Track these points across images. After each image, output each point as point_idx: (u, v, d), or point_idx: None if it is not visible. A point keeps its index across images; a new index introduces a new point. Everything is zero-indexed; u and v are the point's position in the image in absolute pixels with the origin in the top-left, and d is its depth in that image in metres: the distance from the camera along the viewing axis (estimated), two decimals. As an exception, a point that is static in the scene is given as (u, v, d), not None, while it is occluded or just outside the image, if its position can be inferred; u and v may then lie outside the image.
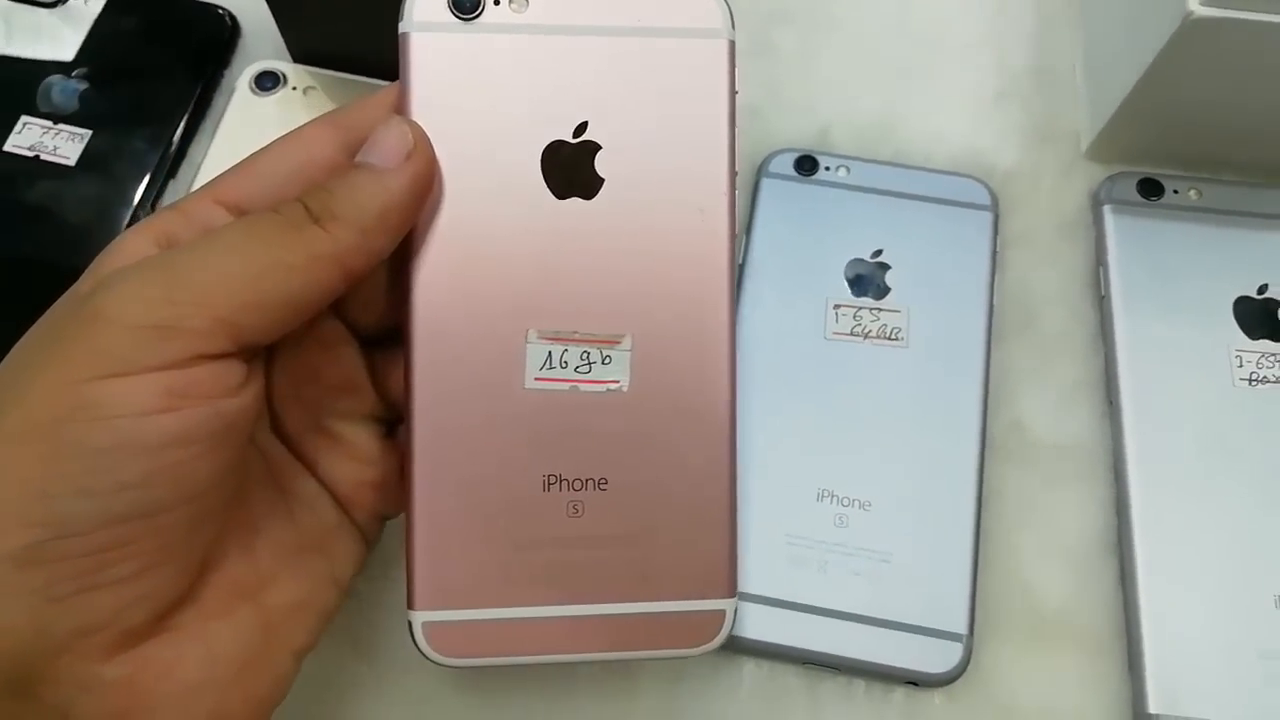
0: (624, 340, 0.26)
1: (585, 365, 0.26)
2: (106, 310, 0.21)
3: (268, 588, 0.24)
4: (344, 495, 0.26)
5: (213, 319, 0.21)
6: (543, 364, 0.26)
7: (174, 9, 0.42)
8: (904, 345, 0.36)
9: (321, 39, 0.40)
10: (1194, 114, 0.37)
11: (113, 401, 0.20)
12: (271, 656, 0.24)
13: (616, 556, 0.26)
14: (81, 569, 0.20)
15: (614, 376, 0.26)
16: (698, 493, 0.26)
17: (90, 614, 0.20)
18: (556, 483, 0.26)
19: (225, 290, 0.21)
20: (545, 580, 0.26)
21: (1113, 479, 0.35)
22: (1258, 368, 0.35)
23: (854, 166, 0.39)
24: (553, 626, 0.26)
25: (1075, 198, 0.39)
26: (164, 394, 0.20)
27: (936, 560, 0.33)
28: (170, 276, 0.21)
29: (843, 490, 0.34)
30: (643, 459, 0.26)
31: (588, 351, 0.26)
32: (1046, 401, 0.36)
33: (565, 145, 0.26)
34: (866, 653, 0.32)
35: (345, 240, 0.23)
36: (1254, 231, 0.38)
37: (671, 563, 0.26)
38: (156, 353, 0.21)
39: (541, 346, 0.25)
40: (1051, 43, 0.42)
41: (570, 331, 0.26)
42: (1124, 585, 0.33)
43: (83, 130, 0.39)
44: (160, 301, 0.21)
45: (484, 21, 0.25)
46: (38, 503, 0.20)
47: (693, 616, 0.26)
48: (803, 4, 0.43)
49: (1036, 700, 0.32)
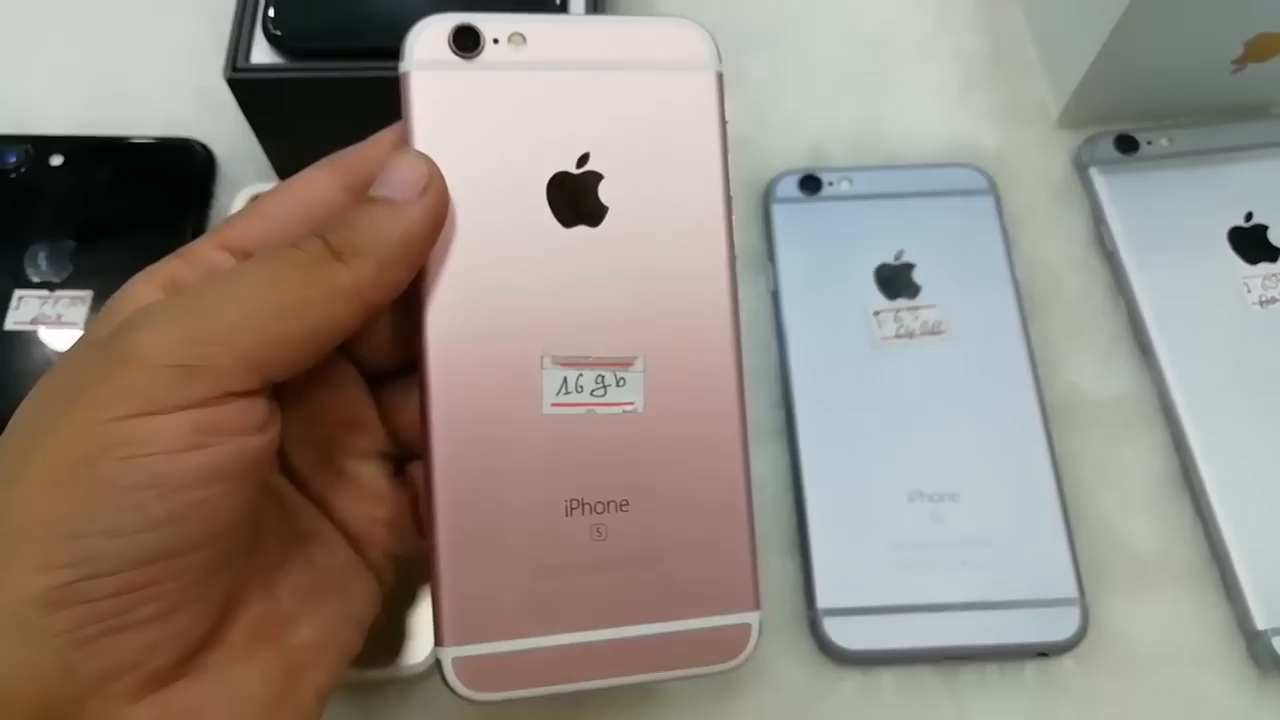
0: (636, 362, 0.26)
1: (600, 389, 0.26)
2: (136, 350, 0.21)
3: (289, 629, 0.24)
4: (356, 534, 0.26)
5: (238, 356, 0.21)
6: (559, 389, 0.26)
7: (144, 150, 0.41)
8: (948, 337, 0.37)
9: (307, 151, 0.39)
10: (1153, 70, 0.40)
11: (143, 439, 0.20)
12: (296, 698, 0.24)
13: (642, 577, 0.26)
14: (108, 610, 0.20)
15: (628, 398, 0.26)
16: (716, 508, 0.26)
17: (117, 656, 0.20)
18: (579, 507, 0.26)
19: (250, 328, 0.21)
20: (574, 606, 0.25)
21: (1165, 419, 0.37)
22: (1264, 290, 0.38)
23: (856, 177, 0.40)
24: (584, 652, 0.25)
25: (1060, 165, 0.42)
26: (193, 432, 0.21)
27: (1033, 534, 0.34)
28: (196, 316, 0.21)
29: (930, 487, 0.35)
30: (661, 478, 0.26)
31: (602, 375, 0.26)
32: (1089, 362, 0.38)
33: (569, 176, 0.26)
34: (993, 636, 0.33)
35: (365, 274, 0.23)
36: (1228, 165, 0.40)
37: (696, 580, 0.26)
38: (185, 391, 0.21)
39: (557, 372, 0.26)
40: (997, 24, 0.45)
41: (584, 356, 0.26)
42: (1202, 516, 0.35)
43: (83, 292, 0.38)
44: (188, 341, 0.21)
45: (484, 60, 0.26)
46: (66, 543, 0.20)
47: (721, 632, 0.26)
48: (759, 28, 0.44)
49: (1156, 643, 0.33)
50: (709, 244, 0.27)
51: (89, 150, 0.40)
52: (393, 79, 0.33)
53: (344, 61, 0.35)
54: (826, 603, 0.33)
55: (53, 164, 0.40)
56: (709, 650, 0.26)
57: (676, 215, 0.27)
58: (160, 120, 0.42)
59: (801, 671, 0.33)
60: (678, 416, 0.26)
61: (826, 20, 0.45)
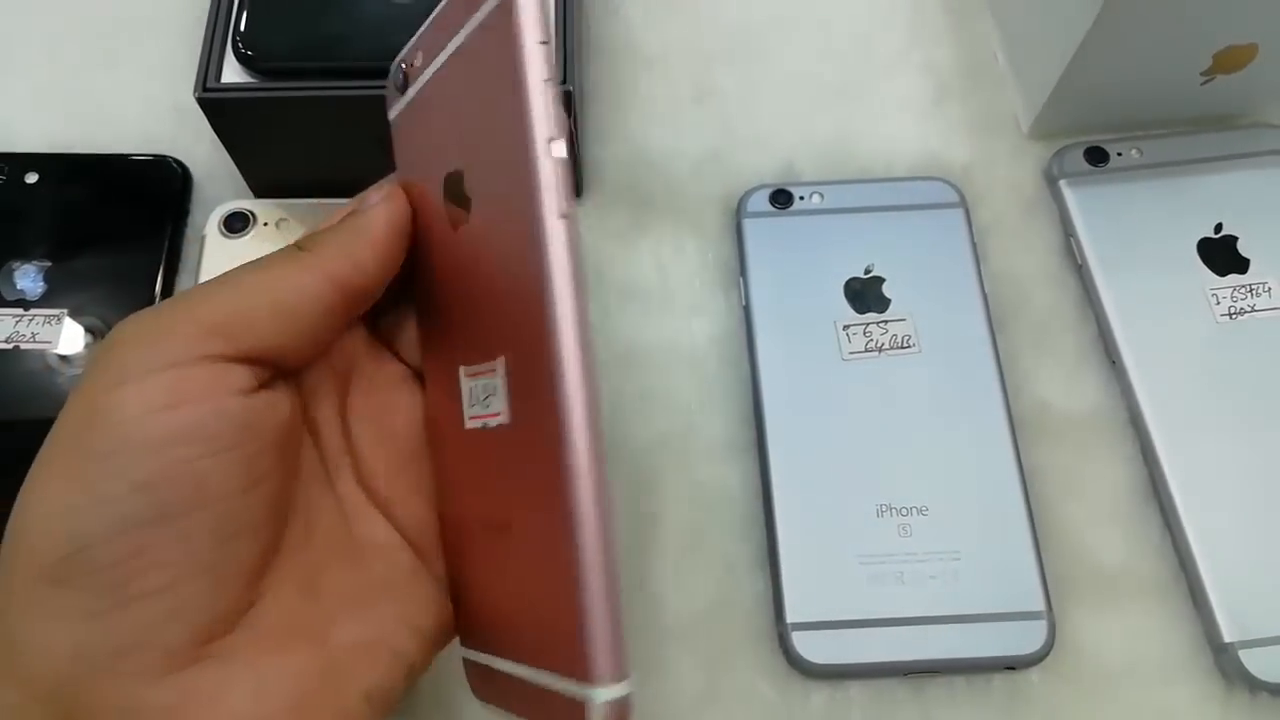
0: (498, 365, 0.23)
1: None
2: (113, 338, 0.23)
3: (331, 628, 0.24)
4: (419, 542, 0.27)
5: (200, 323, 0.23)
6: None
7: (119, 168, 0.41)
8: (917, 351, 0.37)
9: (280, 170, 0.40)
10: (1122, 81, 0.40)
11: (119, 405, 0.21)
12: (336, 698, 0.23)
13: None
14: (111, 581, 0.21)
15: (495, 409, 0.23)
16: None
17: (126, 631, 0.21)
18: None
19: (210, 303, 0.23)
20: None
21: (1134, 432, 0.37)
22: (1233, 301, 0.38)
23: (826, 191, 0.40)
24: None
25: (1030, 177, 0.42)
26: (165, 393, 0.22)
27: (1001, 547, 0.34)
28: (165, 304, 0.24)
29: (899, 501, 0.35)
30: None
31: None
32: (1057, 375, 0.38)
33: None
34: (960, 650, 0.33)
35: (330, 257, 0.24)
36: (1197, 176, 0.41)
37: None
38: (155, 356, 0.22)
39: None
40: (969, 36, 0.45)
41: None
42: (1170, 528, 0.35)
43: (57, 310, 0.38)
44: (157, 317, 0.23)
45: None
46: (64, 517, 0.21)
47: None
48: (732, 42, 0.45)
49: (1123, 656, 0.34)
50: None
51: (65, 168, 0.40)
52: (363, 97, 0.34)
53: (314, 80, 0.36)
54: (795, 617, 0.33)
55: (28, 181, 0.40)
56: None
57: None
58: (137, 138, 0.42)
59: (770, 685, 0.33)
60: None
61: (798, 34, 0.45)
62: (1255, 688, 0.33)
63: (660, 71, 0.44)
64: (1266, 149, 0.41)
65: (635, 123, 0.43)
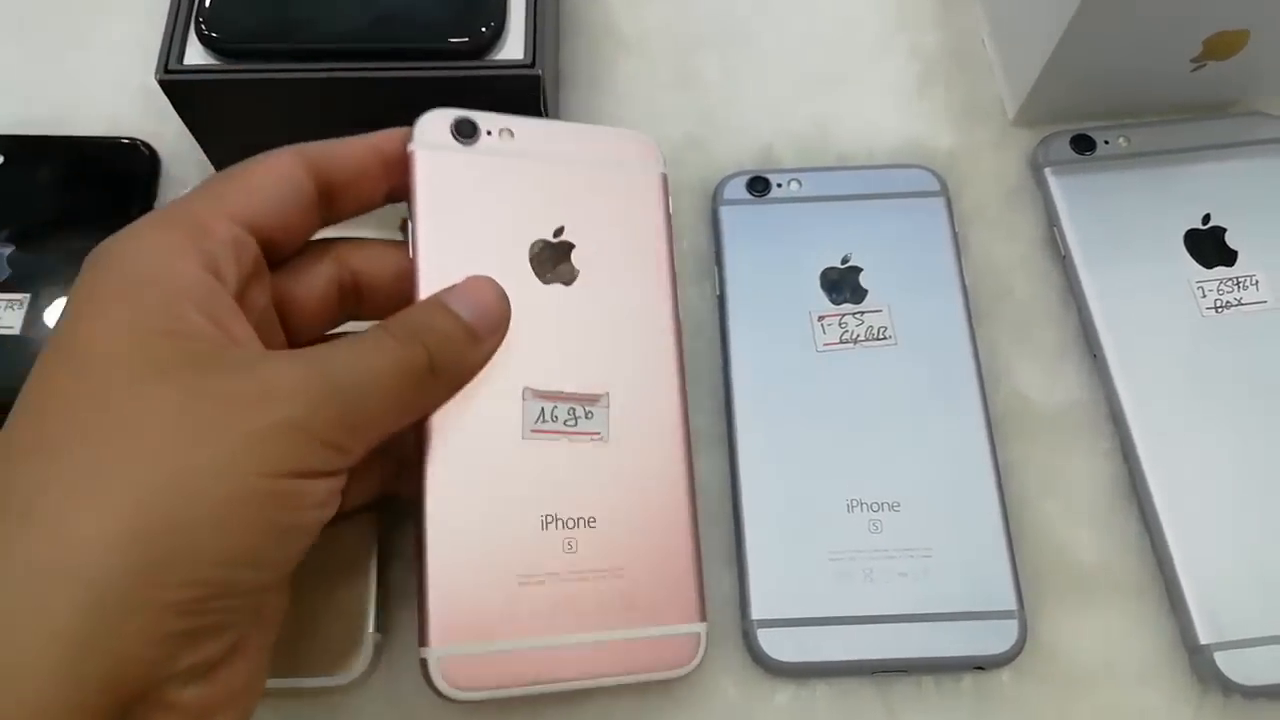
0: (602, 398, 0.31)
1: (572, 419, 0.30)
2: (289, 418, 0.24)
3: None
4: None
5: (368, 441, 0.26)
6: (536, 418, 0.30)
7: (85, 150, 0.40)
8: (893, 343, 0.37)
9: (248, 153, 0.39)
10: (1110, 67, 0.39)
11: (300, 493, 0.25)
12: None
13: (605, 588, 0.30)
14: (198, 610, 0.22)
15: (596, 429, 0.31)
16: (667, 526, 0.31)
17: (191, 656, 0.22)
18: (552, 522, 0.30)
19: (375, 425, 0.26)
20: (546, 612, 0.29)
21: (1114, 428, 0.36)
22: (1219, 295, 0.37)
23: (805, 178, 0.39)
24: (552, 655, 0.29)
25: (1015, 165, 0.41)
26: (328, 493, 0.26)
27: (974, 545, 0.34)
28: (340, 405, 0.25)
29: (870, 496, 0.34)
30: (623, 500, 0.30)
31: (574, 408, 0.30)
32: (1037, 368, 0.37)
33: (548, 243, 0.32)
34: (929, 649, 0.32)
35: (442, 394, 0.29)
36: (1186, 166, 0.40)
37: (651, 593, 0.30)
38: (328, 462, 0.25)
39: (535, 403, 0.30)
40: (956, 20, 0.44)
41: (558, 391, 0.30)
42: (1148, 527, 0.34)
43: (19, 295, 0.37)
44: (338, 424, 0.25)
45: (479, 146, 0.31)
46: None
47: (672, 641, 0.30)
48: (717, 26, 0.44)
49: (1096, 656, 0.33)
50: (659, 306, 0.33)
51: (29, 150, 0.40)
52: (326, 79, 0.34)
53: (278, 63, 0.35)
54: (761, 614, 0.33)
55: (-6, 161, 0.40)
56: (662, 657, 0.30)
57: (630, 277, 0.33)
58: (105, 119, 0.41)
59: (734, 683, 0.33)
60: (633, 446, 0.31)
61: (783, 17, 0.44)
62: (1229, 690, 0.32)
63: (640, 54, 0.43)
64: (1258, 138, 0.40)
65: (612, 107, 0.42)
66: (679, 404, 0.32)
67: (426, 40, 0.35)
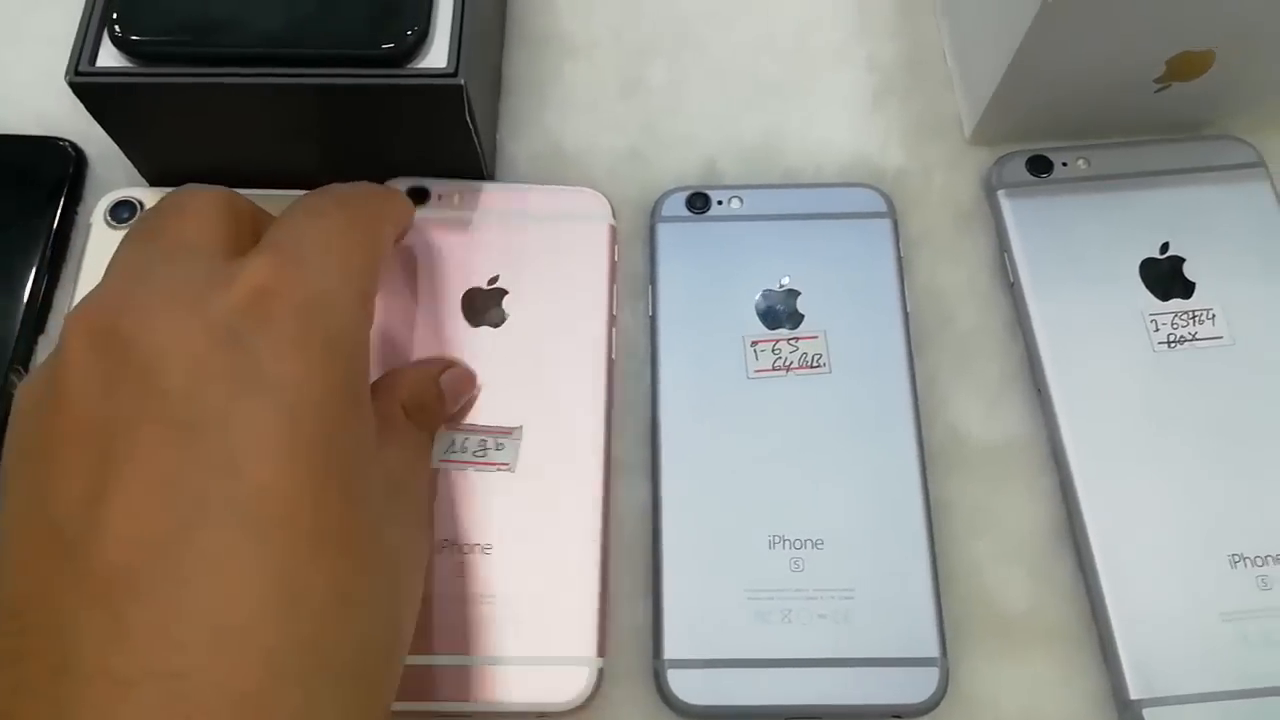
0: (516, 431, 0.33)
1: (482, 450, 0.33)
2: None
3: None
4: None
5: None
6: (447, 448, 0.33)
7: (6, 148, 0.39)
8: (827, 371, 0.35)
9: (170, 158, 0.38)
10: (1070, 85, 0.37)
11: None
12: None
13: (498, 613, 0.31)
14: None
15: (505, 460, 0.33)
16: (569, 558, 0.32)
17: None
18: (449, 546, 0.32)
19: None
20: (432, 632, 0.30)
21: (1054, 467, 0.34)
22: (1174, 329, 0.36)
23: (746, 196, 0.38)
24: (433, 676, 0.30)
25: (968, 186, 0.39)
26: None
27: (898, 587, 0.32)
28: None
29: (793, 533, 0.33)
30: (523, 529, 0.32)
31: (485, 440, 0.33)
32: (977, 402, 0.36)
33: (480, 290, 0.35)
34: (845, 696, 0.31)
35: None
36: (1147, 190, 0.38)
37: (543, 621, 0.31)
38: None
39: (447, 435, 0.33)
40: (917, 33, 0.42)
41: (471, 424, 0.33)
42: (1084, 572, 0.33)
43: (-71, 302, 0.36)
44: None
45: (428, 206, 0.36)
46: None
47: (561, 673, 0.31)
48: (667, 31, 0.42)
49: (1021, 708, 0.32)
50: (592, 344, 0.35)
51: (-50, 148, 0.39)
52: (246, 86, 0.32)
53: (194, 66, 0.34)
54: (673, 653, 0.32)
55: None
56: (551, 689, 0.30)
57: (564, 322, 0.35)
58: (31, 117, 0.40)
59: (643, 724, 0.32)
60: (548, 479, 0.33)
61: (738, 24, 0.42)
62: (1158, 750, 0.30)
63: (587, 62, 0.42)
64: (1227, 162, 0.38)
65: (553, 116, 0.40)
66: (600, 436, 0.34)
67: (346, 46, 0.33)
